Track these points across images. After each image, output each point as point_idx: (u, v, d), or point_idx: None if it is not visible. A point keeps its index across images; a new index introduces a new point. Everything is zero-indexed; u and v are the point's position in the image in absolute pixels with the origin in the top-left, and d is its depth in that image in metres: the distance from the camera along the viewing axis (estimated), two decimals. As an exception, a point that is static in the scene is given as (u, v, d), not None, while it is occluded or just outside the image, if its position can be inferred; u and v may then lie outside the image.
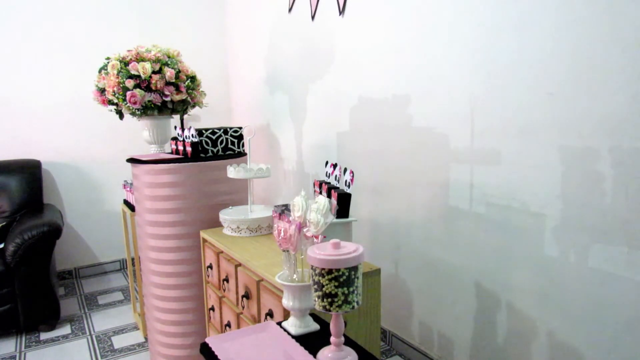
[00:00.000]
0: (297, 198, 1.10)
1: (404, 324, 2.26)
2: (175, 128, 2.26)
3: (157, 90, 2.29)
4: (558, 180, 1.50)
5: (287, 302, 1.09)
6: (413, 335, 2.21)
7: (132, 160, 2.03)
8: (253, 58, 3.45)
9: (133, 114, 2.33)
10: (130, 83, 2.23)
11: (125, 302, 3.02)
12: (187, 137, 2.03)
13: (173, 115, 2.50)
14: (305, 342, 1.03)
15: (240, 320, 1.56)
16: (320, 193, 1.46)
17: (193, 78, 2.47)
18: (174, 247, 1.96)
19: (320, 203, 1.02)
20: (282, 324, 1.13)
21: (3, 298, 2.47)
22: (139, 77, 2.25)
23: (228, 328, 1.67)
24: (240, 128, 2.11)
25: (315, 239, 1.02)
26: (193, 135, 1.99)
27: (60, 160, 3.34)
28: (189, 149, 1.99)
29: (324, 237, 1.01)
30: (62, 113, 3.29)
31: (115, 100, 2.29)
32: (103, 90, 2.42)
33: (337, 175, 1.46)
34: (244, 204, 2.02)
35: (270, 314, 1.34)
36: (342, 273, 0.86)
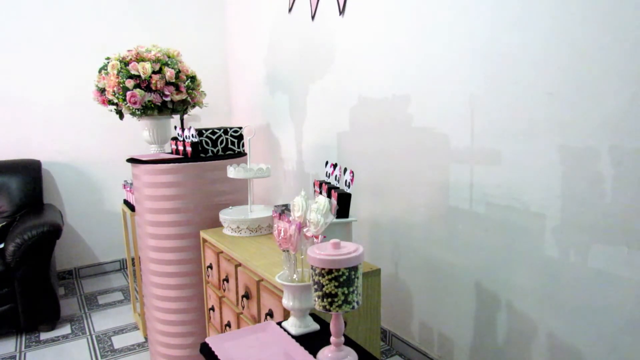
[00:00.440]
0: (297, 198, 1.10)
1: (404, 324, 2.26)
2: (175, 128, 2.26)
3: (157, 90, 2.29)
4: (558, 180, 1.50)
5: (287, 302, 1.09)
6: (413, 335, 2.21)
7: (132, 160, 2.03)
8: (253, 58, 3.45)
9: (133, 114, 2.33)
10: (130, 83, 2.23)
11: (125, 302, 3.02)
12: (187, 137, 2.04)
13: (173, 115, 2.50)
14: (305, 342, 1.03)
15: (240, 320, 1.56)
16: (320, 193, 1.46)
17: (193, 78, 2.47)
18: (174, 247, 1.96)
19: (320, 203, 1.03)
20: (282, 324, 1.13)
21: (3, 298, 2.47)
22: (139, 77, 2.25)
23: (228, 328, 1.67)
24: (240, 128, 2.11)
25: (315, 239, 1.02)
26: (193, 135, 1.99)
27: (60, 160, 3.34)
28: (189, 149, 1.99)
29: (324, 237, 1.01)
30: (62, 113, 3.29)
31: (115, 100, 2.29)
32: (103, 90, 2.42)
33: (337, 175, 1.46)
34: (244, 204, 2.02)
35: (270, 314, 1.34)
36: (342, 273, 0.86)
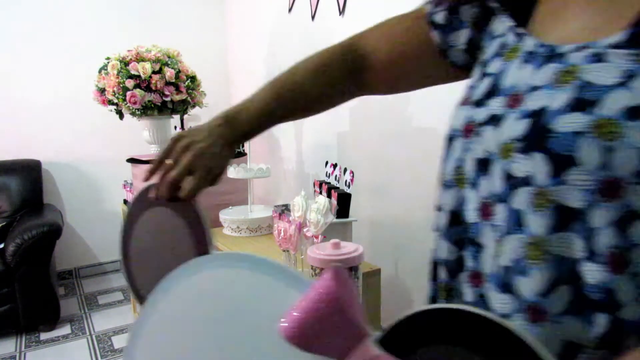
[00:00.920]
0: (297, 198, 1.11)
1: (404, 324, 2.25)
2: (175, 128, 2.26)
3: (157, 90, 2.29)
4: (558, 180, 1.50)
5: (287, 302, 1.09)
6: (413, 335, 2.21)
7: (132, 160, 2.03)
8: (253, 58, 3.45)
9: (133, 114, 2.33)
10: (130, 83, 2.23)
11: (125, 302, 3.02)
12: (187, 137, 2.03)
13: (173, 115, 2.50)
14: (305, 342, 1.03)
15: (240, 320, 1.56)
16: (320, 193, 1.46)
17: (193, 78, 2.47)
18: (174, 247, 1.95)
19: (320, 203, 1.03)
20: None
21: (3, 298, 2.47)
22: (139, 77, 2.25)
23: (228, 328, 1.66)
24: (240, 128, 2.10)
25: (315, 239, 1.02)
26: (193, 135, 1.99)
27: (60, 160, 3.34)
28: (189, 149, 1.99)
29: (324, 237, 1.01)
30: (62, 113, 3.29)
31: (115, 100, 2.30)
32: (103, 90, 2.42)
33: (337, 175, 1.46)
34: (244, 204, 2.02)
35: (270, 314, 1.34)
36: (342, 273, 0.86)
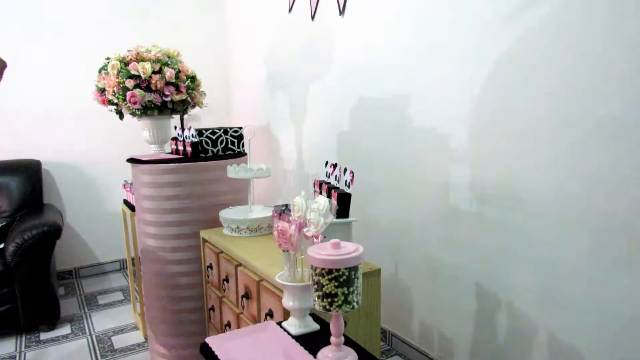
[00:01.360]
0: (297, 198, 1.10)
1: (404, 324, 2.26)
2: (175, 128, 2.26)
3: (157, 90, 2.29)
4: (558, 180, 1.50)
5: (287, 302, 1.09)
6: (413, 335, 2.21)
7: (132, 160, 2.03)
8: (253, 58, 3.45)
9: (133, 114, 2.33)
10: (130, 83, 2.23)
11: (125, 302, 3.02)
12: (187, 137, 2.04)
13: (173, 115, 2.50)
14: (305, 342, 1.03)
15: (240, 320, 1.56)
16: (320, 193, 1.46)
17: (193, 78, 2.47)
18: (174, 247, 1.96)
19: (320, 203, 1.03)
20: (282, 324, 1.13)
21: (3, 298, 2.47)
22: (139, 77, 2.25)
23: (228, 328, 1.67)
24: (240, 128, 2.11)
25: (315, 239, 1.02)
26: (193, 135, 1.99)
27: (60, 160, 3.34)
28: (189, 149, 1.99)
29: (324, 237, 1.01)
30: (62, 113, 3.29)
31: (115, 100, 2.29)
32: (103, 90, 2.42)
33: (337, 175, 1.46)
34: (244, 204, 2.02)
35: (270, 314, 1.34)
36: (342, 273, 0.86)
